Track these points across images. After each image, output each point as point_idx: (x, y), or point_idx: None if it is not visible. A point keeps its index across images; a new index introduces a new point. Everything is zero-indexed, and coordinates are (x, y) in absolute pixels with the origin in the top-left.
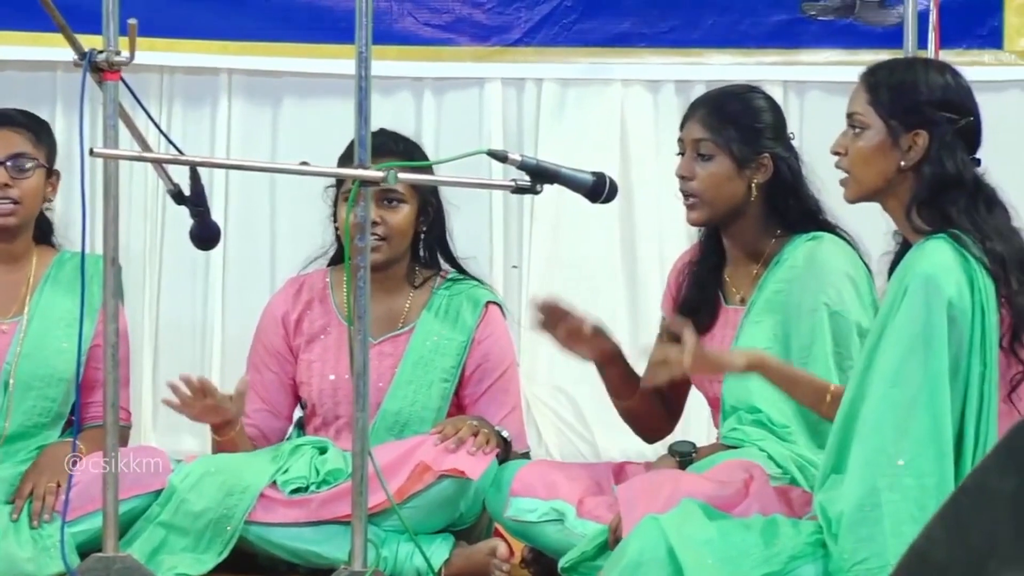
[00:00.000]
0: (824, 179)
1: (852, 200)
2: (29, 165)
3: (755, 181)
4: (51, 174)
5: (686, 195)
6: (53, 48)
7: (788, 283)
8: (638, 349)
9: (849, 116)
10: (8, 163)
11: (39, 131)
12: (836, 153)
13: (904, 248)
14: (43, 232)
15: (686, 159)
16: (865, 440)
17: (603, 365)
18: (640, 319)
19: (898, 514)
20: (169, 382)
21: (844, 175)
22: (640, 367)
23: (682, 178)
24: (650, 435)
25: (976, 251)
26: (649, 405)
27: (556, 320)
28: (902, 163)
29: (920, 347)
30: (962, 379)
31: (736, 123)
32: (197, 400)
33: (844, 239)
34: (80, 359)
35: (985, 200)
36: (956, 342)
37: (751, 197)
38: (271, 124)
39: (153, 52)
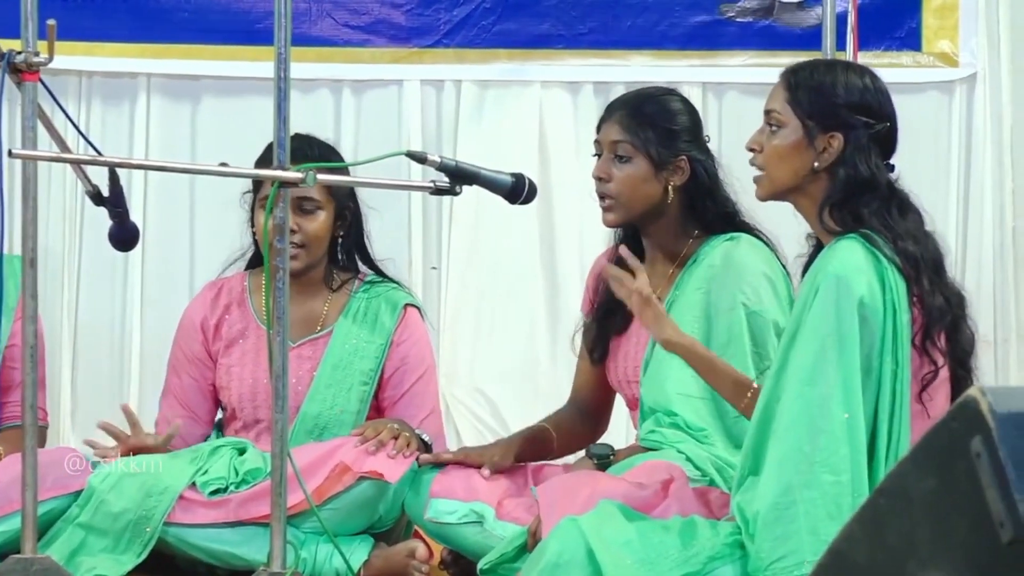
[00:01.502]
0: (741, 180)
1: (763, 198)
2: None
3: (672, 183)
4: None
5: (602, 196)
6: None
7: (706, 282)
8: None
9: (767, 113)
10: None
11: None
12: (751, 150)
13: (818, 250)
14: None
15: (603, 161)
16: (780, 439)
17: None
18: (559, 319)
19: (814, 512)
20: (98, 428)
21: (757, 172)
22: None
23: (599, 179)
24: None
25: (888, 251)
26: (575, 433)
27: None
28: (816, 164)
29: (832, 346)
30: (874, 377)
31: (653, 125)
32: (123, 444)
33: (761, 240)
34: None
35: (898, 204)
36: (868, 340)
37: (668, 199)
38: (190, 125)
39: (72, 56)
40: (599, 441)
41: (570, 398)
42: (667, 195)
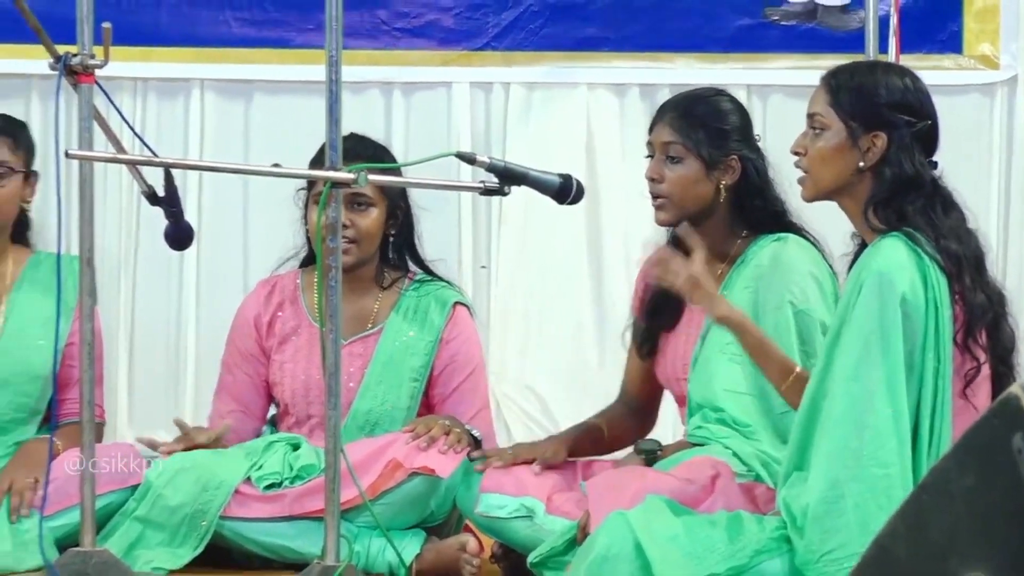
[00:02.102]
0: (786, 181)
1: (809, 199)
2: (5, 172)
3: (723, 183)
4: (29, 176)
5: (655, 196)
6: (32, 61)
7: (754, 282)
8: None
9: (810, 117)
10: None
11: (17, 135)
12: (796, 153)
13: (862, 248)
14: (20, 231)
15: (655, 161)
16: (827, 434)
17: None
18: (606, 317)
19: (864, 505)
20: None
21: (802, 174)
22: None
23: (651, 180)
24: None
25: (930, 249)
26: (624, 429)
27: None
28: (860, 164)
29: (876, 342)
30: (917, 373)
31: (704, 126)
32: (181, 441)
33: (808, 240)
34: (56, 357)
35: (941, 201)
36: (911, 337)
37: (719, 198)
38: (243, 127)
39: (128, 63)
40: (647, 437)
41: (619, 394)
42: (718, 194)
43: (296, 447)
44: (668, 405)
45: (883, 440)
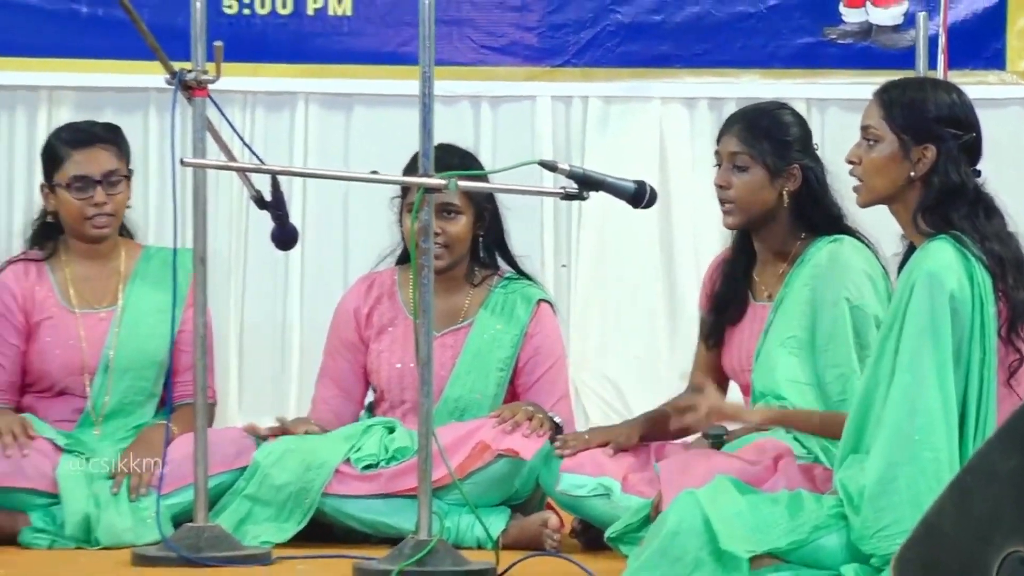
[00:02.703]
0: (844, 188)
1: (863, 205)
2: (118, 179)
3: (785, 189)
4: (130, 177)
5: (723, 202)
6: (150, 76)
7: (812, 280)
8: (679, 372)
9: (863, 129)
10: (103, 182)
11: (119, 142)
12: (850, 162)
13: (912, 249)
14: (120, 228)
15: (723, 170)
16: (883, 421)
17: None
18: (677, 312)
19: (915, 486)
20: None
21: (856, 183)
22: (680, 384)
23: (720, 187)
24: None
25: (975, 250)
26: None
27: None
28: (911, 174)
29: (927, 337)
30: (964, 364)
31: (768, 137)
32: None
33: (863, 241)
34: (171, 345)
35: (984, 207)
36: (958, 332)
37: (781, 204)
38: (343, 137)
39: (238, 78)
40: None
41: (689, 383)
42: (781, 200)
43: (391, 430)
44: (734, 395)
45: (933, 426)
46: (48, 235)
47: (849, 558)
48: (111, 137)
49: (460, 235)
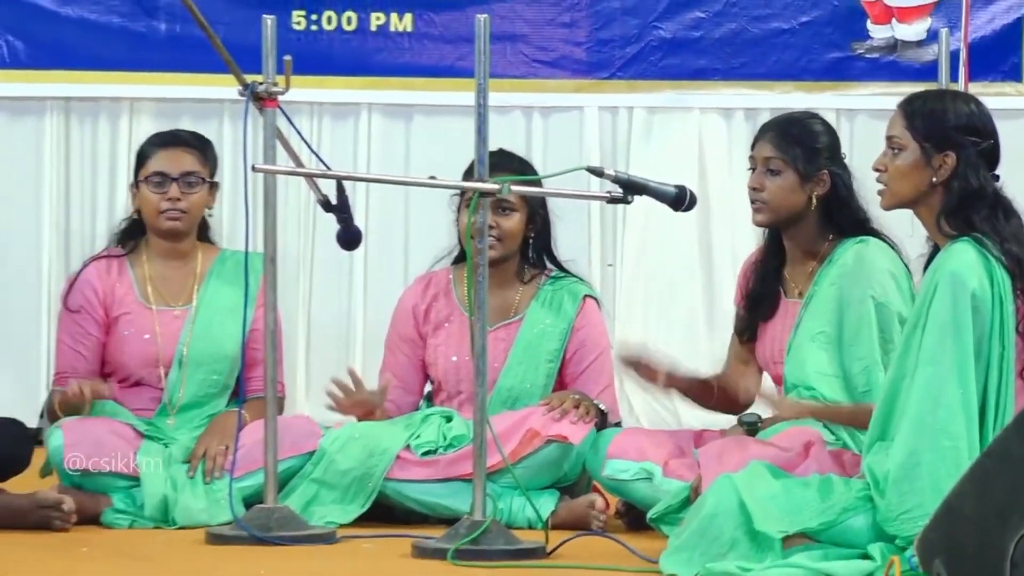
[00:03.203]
0: (870, 193)
1: (888, 208)
2: (195, 182)
3: (815, 193)
4: (213, 186)
5: (755, 202)
6: (224, 87)
7: (839, 279)
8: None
9: (888, 139)
10: (180, 180)
11: (205, 149)
12: (877, 170)
13: (935, 251)
14: (203, 232)
15: (757, 174)
16: (907, 412)
17: (681, 393)
18: (714, 308)
19: (936, 471)
20: (329, 383)
21: (882, 188)
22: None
23: (753, 189)
24: (736, 410)
25: (995, 252)
26: (727, 395)
27: (637, 366)
28: (933, 179)
29: (950, 332)
30: (984, 359)
31: (800, 144)
32: (347, 398)
33: (887, 243)
34: (244, 341)
35: (1003, 210)
36: (979, 328)
37: (810, 206)
38: (404, 144)
39: (305, 89)
40: (748, 411)
41: (723, 371)
42: (810, 203)
43: (448, 419)
44: (765, 384)
45: (954, 416)
46: (132, 234)
47: (875, 538)
48: (196, 143)
49: (513, 231)
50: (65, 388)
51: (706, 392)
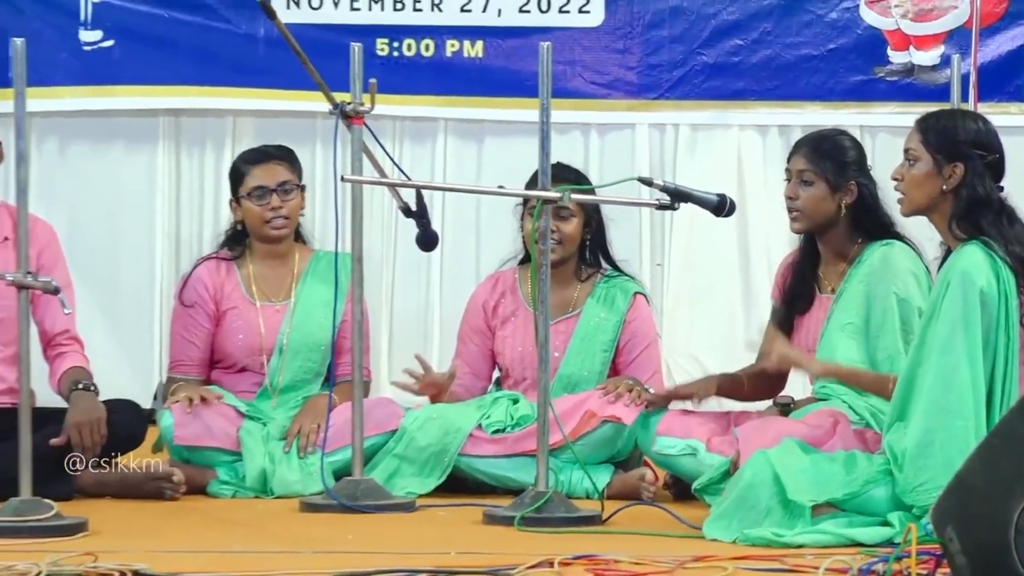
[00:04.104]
0: (892, 201)
1: (906, 214)
2: (290, 189)
3: (844, 202)
4: (302, 191)
5: (791, 211)
6: (316, 105)
7: (867, 277)
8: (747, 342)
9: (905, 151)
10: (278, 190)
11: (292, 159)
12: (895, 179)
13: (948, 253)
14: (298, 235)
15: (792, 184)
16: (922, 395)
17: (721, 393)
18: (751, 305)
19: (948, 449)
20: (402, 373)
21: (900, 196)
22: (751, 356)
23: (789, 198)
24: (771, 395)
25: (1001, 253)
26: (761, 383)
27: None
28: (944, 187)
29: (960, 325)
30: (991, 349)
31: (830, 158)
32: (418, 381)
33: (910, 246)
34: (334, 331)
35: (1007, 216)
36: (987, 320)
37: (839, 214)
38: (476, 156)
39: (389, 107)
40: (782, 393)
41: (757, 359)
42: (839, 211)
43: (515, 401)
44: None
45: (964, 399)
46: (238, 241)
47: (894, 507)
48: (283, 155)
49: (572, 234)
50: (179, 398)
51: (737, 387)
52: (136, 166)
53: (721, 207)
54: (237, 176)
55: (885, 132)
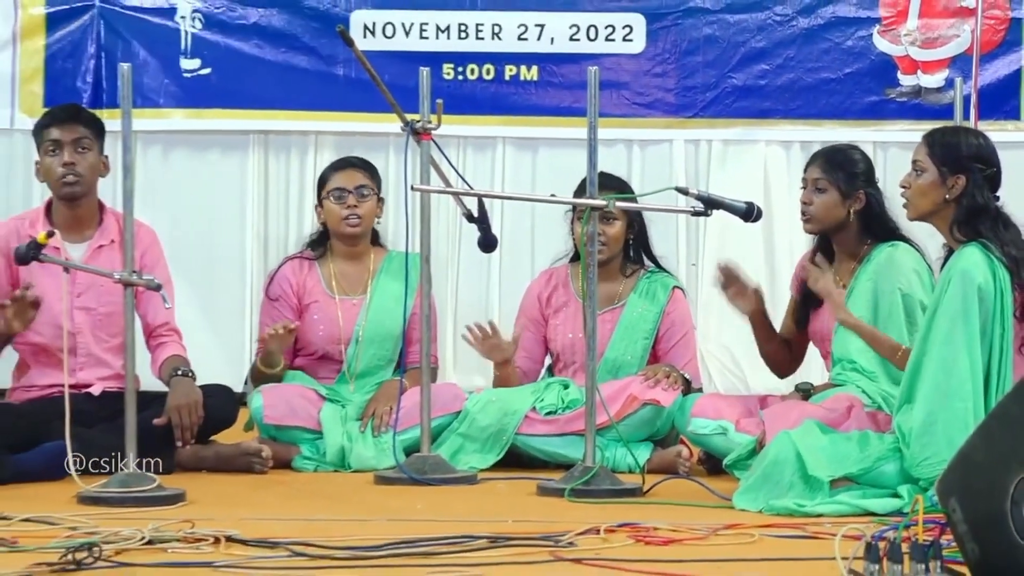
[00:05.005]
0: (900, 209)
1: (912, 219)
2: (367, 193)
3: (853, 208)
4: (380, 200)
5: (805, 214)
6: (389, 124)
7: (875, 275)
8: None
9: (913, 162)
10: (355, 191)
11: (372, 170)
12: (902, 187)
13: (950, 253)
14: (374, 237)
15: (807, 191)
16: (926, 380)
17: (754, 320)
18: (776, 300)
19: (949, 428)
20: (466, 326)
21: (906, 202)
22: (777, 323)
23: (804, 204)
24: (781, 372)
25: (997, 254)
26: (781, 351)
27: (729, 281)
28: (947, 196)
29: (960, 319)
30: (988, 339)
31: (842, 169)
32: (486, 339)
33: (914, 247)
34: (405, 323)
35: (1003, 222)
36: (984, 314)
37: (849, 219)
38: (531, 168)
39: (454, 125)
40: (802, 380)
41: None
42: (849, 216)
43: (566, 386)
44: (817, 359)
45: (964, 384)
46: (321, 242)
47: (903, 481)
48: (364, 164)
49: (616, 236)
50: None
51: (771, 334)
52: (229, 176)
53: (749, 213)
54: (322, 181)
55: (896, 147)
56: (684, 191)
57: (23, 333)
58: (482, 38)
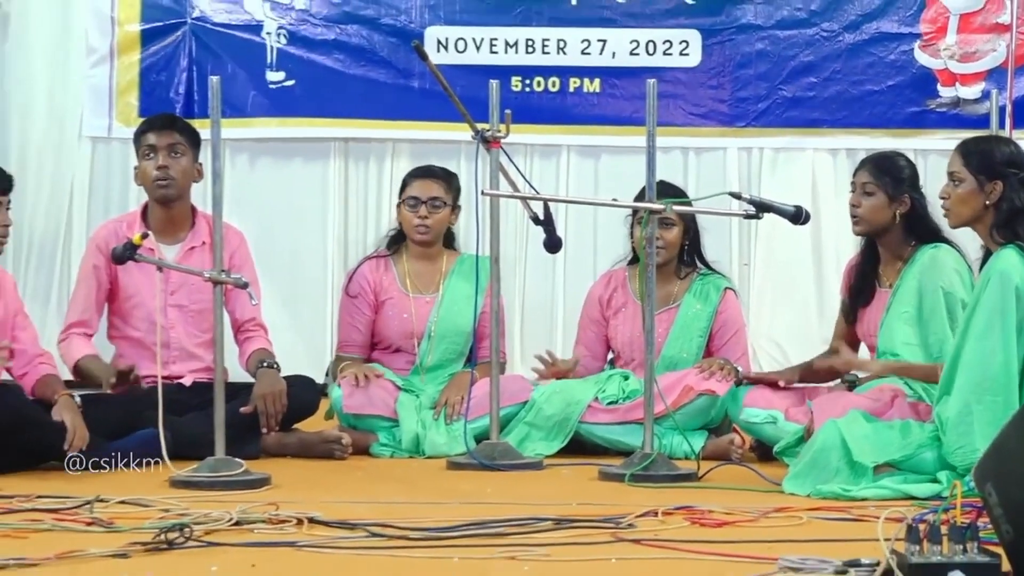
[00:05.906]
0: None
1: (953, 227)
2: (439, 204)
3: (899, 212)
4: (455, 208)
5: (854, 217)
6: (460, 132)
7: (919, 275)
8: (821, 338)
9: (950, 174)
10: (428, 202)
11: (450, 181)
12: (942, 197)
13: (988, 255)
14: (448, 241)
15: (856, 195)
16: (963, 374)
17: (804, 379)
18: (823, 299)
19: (983, 419)
20: (532, 369)
21: (946, 211)
22: (824, 346)
23: (853, 206)
24: (835, 379)
25: None
26: (826, 376)
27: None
28: (986, 202)
29: (998, 316)
30: (1023, 337)
31: (889, 174)
32: (548, 368)
33: (955, 248)
34: (475, 320)
35: None
36: (1020, 312)
37: (895, 221)
38: (593, 175)
39: (521, 134)
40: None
41: (829, 346)
42: (895, 219)
43: (626, 378)
44: (864, 353)
45: (998, 378)
46: (397, 241)
47: (942, 467)
48: (443, 175)
49: (673, 240)
50: (347, 375)
51: (812, 374)
52: (312, 181)
53: (798, 217)
54: (403, 186)
55: (936, 154)
56: (737, 195)
57: (120, 328)
58: (548, 52)
